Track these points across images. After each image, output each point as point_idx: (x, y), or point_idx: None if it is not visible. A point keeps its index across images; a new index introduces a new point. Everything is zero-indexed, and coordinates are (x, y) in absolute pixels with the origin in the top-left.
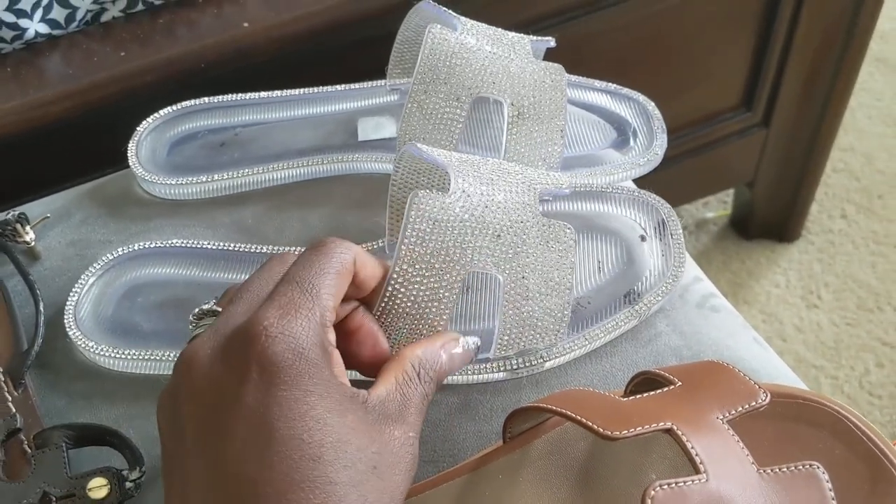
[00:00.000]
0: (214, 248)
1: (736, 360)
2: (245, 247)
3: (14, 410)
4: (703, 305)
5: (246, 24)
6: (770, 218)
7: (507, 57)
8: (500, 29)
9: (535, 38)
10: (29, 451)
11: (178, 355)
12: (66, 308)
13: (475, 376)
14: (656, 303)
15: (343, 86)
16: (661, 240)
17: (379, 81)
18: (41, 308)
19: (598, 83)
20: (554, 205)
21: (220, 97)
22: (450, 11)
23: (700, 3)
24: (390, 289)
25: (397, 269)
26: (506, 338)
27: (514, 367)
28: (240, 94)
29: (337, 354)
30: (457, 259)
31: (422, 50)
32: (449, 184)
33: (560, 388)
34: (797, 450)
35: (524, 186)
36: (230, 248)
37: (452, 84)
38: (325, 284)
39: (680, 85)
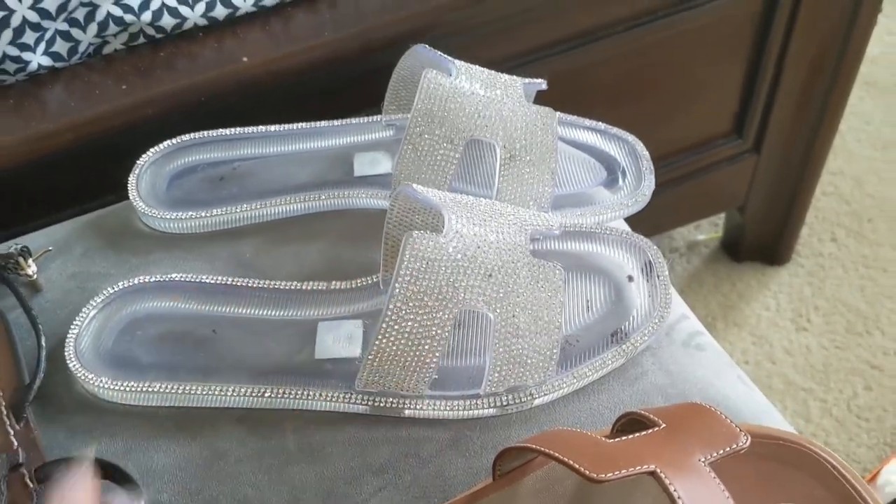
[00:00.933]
0: (213, 282)
1: (721, 400)
2: (242, 281)
3: (16, 445)
4: (689, 344)
5: (245, 59)
6: (760, 241)
7: (500, 101)
8: (493, 72)
9: (527, 80)
10: (31, 485)
11: (178, 388)
12: (67, 341)
13: (466, 412)
14: (643, 342)
15: (339, 121)
16: (647, 280)
17: (375, 117)
18: (43, 342)
19: (587, 122)
20: (544, 243)
21: (219, 131)
22: (444, 56)
23: (691, 34)
24: (385, 325)
25: (392, 306)
26: (496, 375)
27: (504, 403)
28: (238, 129)
29: None
30: (449, 297)
31: (418, 94)
32: (442, 222)
33: (549, 424)
34: (777, 490)
35: (516, 227)
36: (228, 283)
37: (447, 127)
38: None
39: (672, 112)
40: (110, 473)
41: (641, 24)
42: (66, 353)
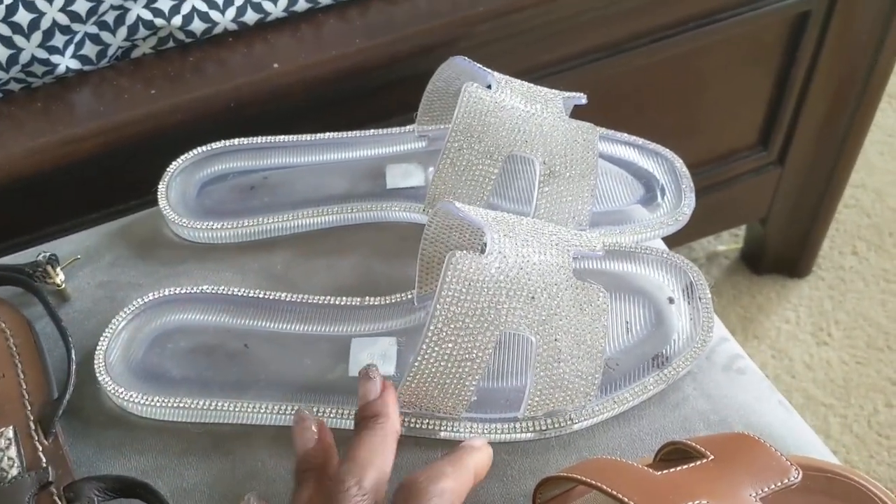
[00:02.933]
0: (245, 295)
1: (764, 427)
2: (275, 295)
3: (45, 462)
4: (729, 368)
5: (276, 65)
6: (782, 254)
7: (540, 115)
8: (534, 86)
9: (566, 94)
10: (59, 503)
11: (207, 404)
12: (97, 353)
13: (503, 435)
14: (685, 367)
15: (372, 131)
16: (689, 303)
17: (408, 127)
18: (73, 356)
19: (625, 136)
20: (583, 263)
21: (250, 139)
22: (484, 68)
23: (719, 45)
24: (424, 347)
25: (432, 327)
26: (536, 399)
27: (543, 428)
28: (269, 137)
29: None
30: (491, 320)
31: (458, 108)
32: (479, 241)
33: (588, 450)
34: None
35: (558, 248)
36: (260, 296)
37: (486, 142)
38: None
39: (697, 123)
40: (140, 492)
41: (670, 35)
42: (95, 366)
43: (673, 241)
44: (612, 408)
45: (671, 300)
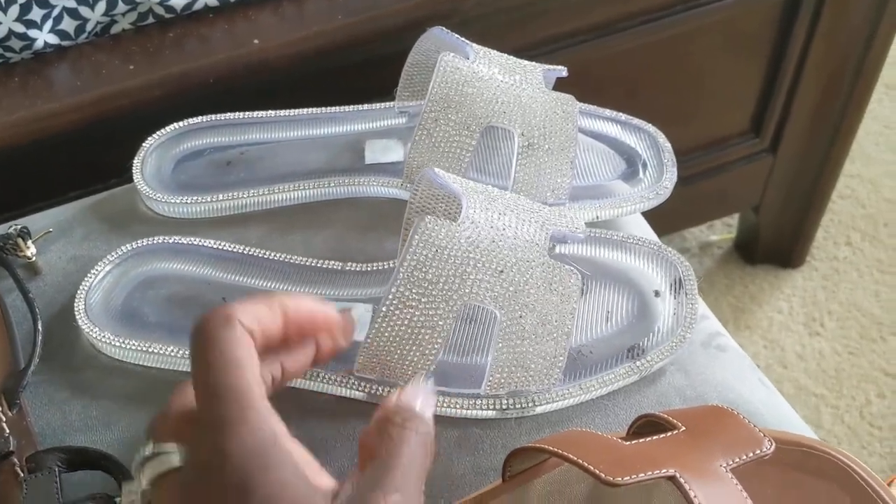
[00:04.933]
0: (228, 250)
1: (742, 403)
2: (257, 252)
3: (7, 432)
4: (709, 345)
5: (257, 41)
6: (775, 243)
7: (519, 86)
8: (513, 57)
9: (547, 67)
10: (21, 474)
11: (177, 352)
12: (77, 295)
13: (464, 411)
14: (660, 360)
15: (351, 107)
16: (675, 297)
17: (387, 103)
18: (39, 327)
19: (607, 112)
20: (571, 247)
21: (228, 115)
22: (462, 39)
23: (712, 30)
24: (385, 309)
25: (394, 290)
26: (496, 376)
27: (504, 406)
28: (247, 113)
29: (291, 449)
30: (455, 289)
31: (434, 78)
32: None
33: (561, 425)
34: (802, 499)
35: (537, 225)
36: (242, 252)
37: (463, 113)
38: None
39: (689, 109)
40: (103, 464)
41: (663, 16)
42: (75, 308)
43: (666, 229)
44: (577, 394)
45: (657, 293)
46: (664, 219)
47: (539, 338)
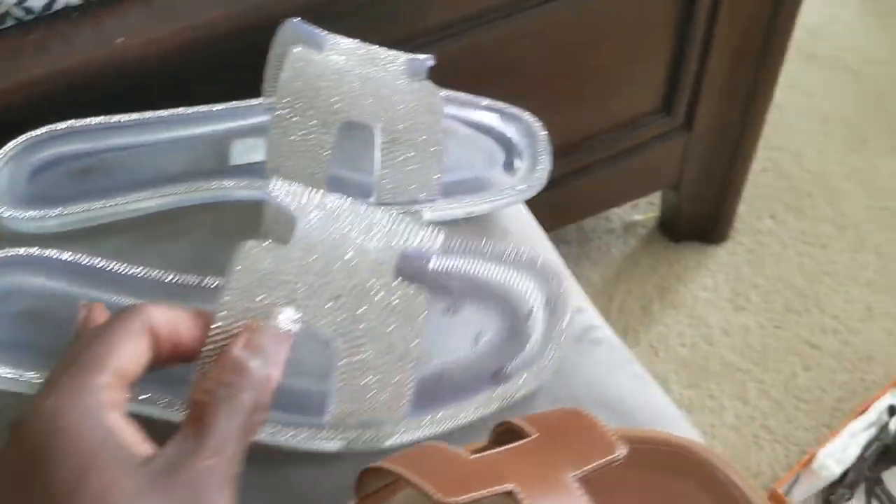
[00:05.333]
0: (84, 263)
1: (614, 400)
2: (116, 266)
3: None
4: (582, 339)
5: (121, 40)
6: (697, 220)
7: (379, 79)
8: (374, 46)
9: (410, 56)
10: None
11: (27, 375)
12: None
13: (308, 443)
14: (525, 388)
15: (218, 105)
16: (546, 318)
17: (254, 100)
18: None
19: (484, 100)
20: (440, 261)
21: (86, 120)
22: (318, 29)
23: (615, 8)
24: (211, 346)
25: (219, 323)
26: (340, 407)
27: (350, 437)
28: (107, 117)
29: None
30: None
31: (283, 74)
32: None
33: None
34: (661, 501)
35: (384, 243)
36: (98, 266)
37: (318, 109)
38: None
39: (599, 91)
40: None
41: None
42: None
43: (587, 210)
44: (429, 427)
45: (530, 312)
46: (585, 201)
47: (383, 367)
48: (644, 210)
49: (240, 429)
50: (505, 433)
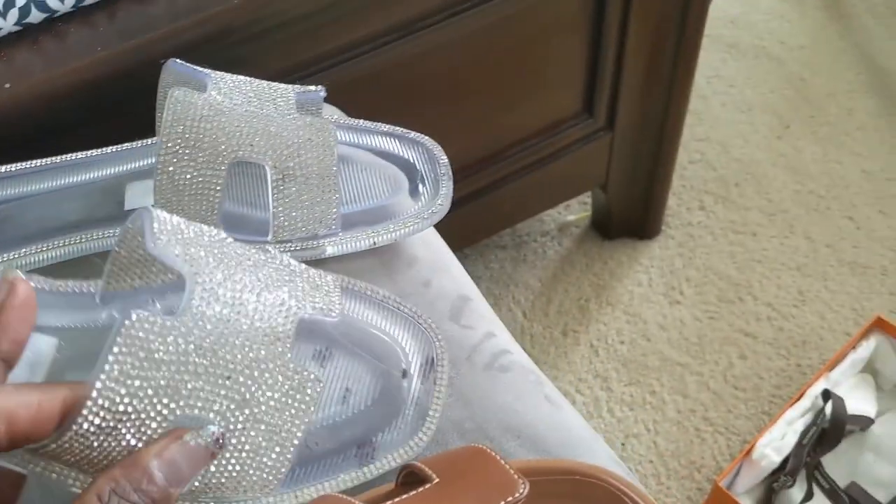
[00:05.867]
0: None
1: (525, 426)
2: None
3: None
4: (491, 366)
5: (8, 85)
6: (628, 217)
7: (267, 115)
8: (262, 82)
9: (301, 88)
10: None
11: None
12: None
13: None
14: (388, 468)
15: (112, 148)
16: (422, 383)
17: (149, 140)
18: None
19: (385, 127)
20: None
21: None
22: (199, 69)
23: (527, 15)
24: (75, 428)
25: (87, 413)
26: (202, 481)
27: None
28: None
29: None
30: (165, 404)
31: (164, 117)
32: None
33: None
34: None
35: (283, 310)
36: None
37: (204, 150)
38: None
39: (519, 97)
40: None
41: (470, 7)
42: None
43: (520, 214)
44: (291, 501)
45: (405, 373)
46: (517, 204)
47: (261, 451)
48: (576, 210)
49: None
50: (409, 475)
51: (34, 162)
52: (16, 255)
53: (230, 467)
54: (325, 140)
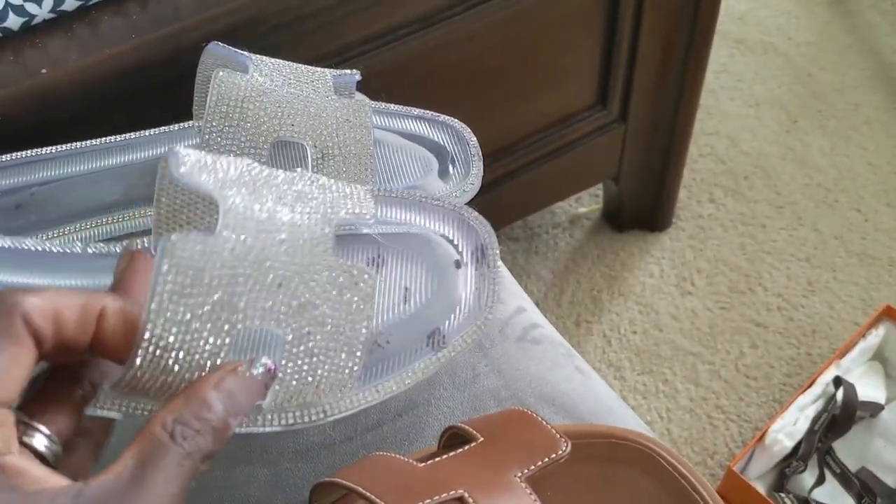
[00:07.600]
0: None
1: (557, 396)
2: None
3: None
4: (523, 338)
5: (45, 70)
6: (639, 209)
7: (307, 97)
8: (298, 65)
9: (336, 72)
10: None
11: None
12: None
13: (244, 429)
14: (462, 347)
15: (150, 130)
16: (476, 269)
17: (186, 123)
18: None
19: (415, 111)
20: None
21: (14, 154)
22: (239, 51)
23: (542, 8)
24: (139, 362)
25: (148, 335)
26: (284, 393)
27: (290, 422)
28: (37, 149)
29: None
30: (226, 318)
31: (209, 98)
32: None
33: (374, 446)
34: (609, 492)
35: (319, 216)
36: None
37: (247, 130)
38: None
39: (535, 88)
40: None
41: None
42: None
43: (532, 206)
44: (373, 397)
45: (458, 264)
46: (529, 197)
47: (330, 353)
48: (588, 202)
49: (184, 477)
50: (452, 437)
51: (74, 144)
52: (59, 233)
53: (302, 373)
54: (361, 120)
